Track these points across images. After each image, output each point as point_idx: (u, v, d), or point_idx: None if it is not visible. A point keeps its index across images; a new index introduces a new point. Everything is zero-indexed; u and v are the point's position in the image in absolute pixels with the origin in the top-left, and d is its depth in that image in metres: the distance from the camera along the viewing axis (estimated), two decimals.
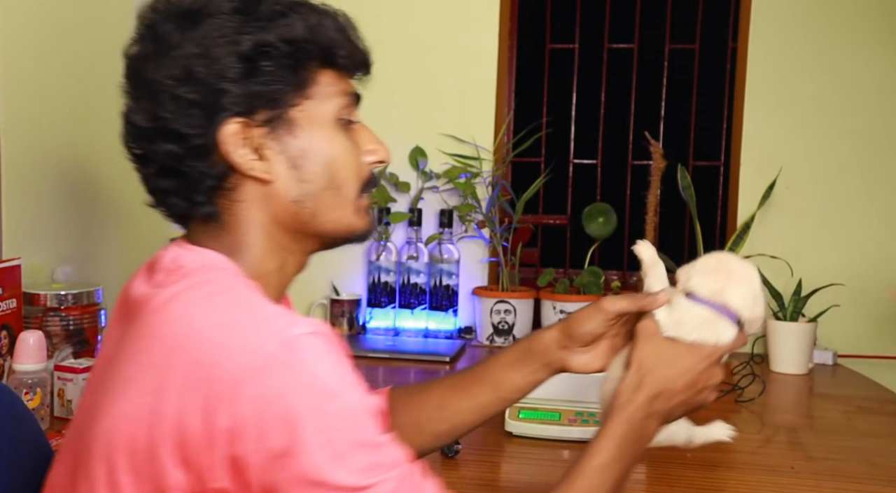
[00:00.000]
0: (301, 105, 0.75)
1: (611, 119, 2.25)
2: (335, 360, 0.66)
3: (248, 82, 0.72)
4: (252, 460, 0.62)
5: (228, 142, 0.72)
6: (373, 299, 2.08)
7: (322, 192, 0.76)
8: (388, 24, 2.13)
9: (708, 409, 0.85)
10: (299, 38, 0.73)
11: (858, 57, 2.02)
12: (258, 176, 0.74)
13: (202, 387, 0.62)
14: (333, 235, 0.80)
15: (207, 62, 0.71)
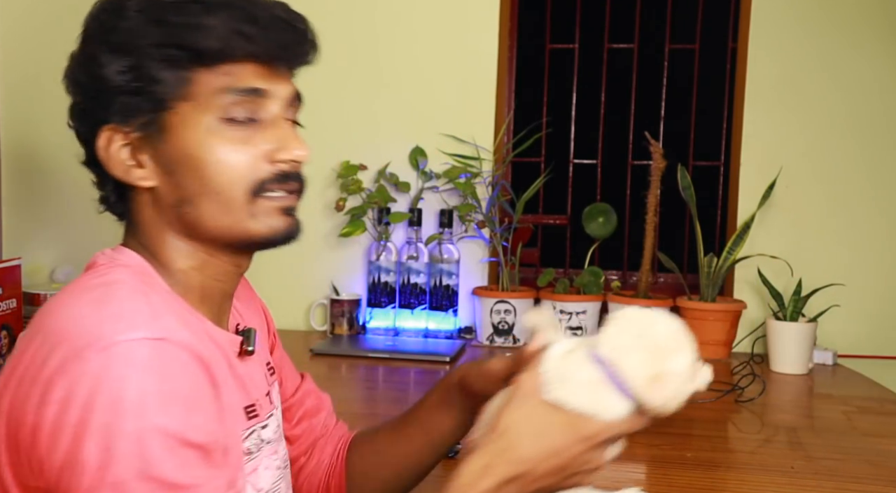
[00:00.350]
0: (176, 109, 0.71)
1: (611, 119, 2.25)
2: (161, 377, 0.60)
3: (119, 89, 0.70)
4: (45, 464, 0.59)
5: (103, 150, 0.72)
6: (373, 299, 2.08)
7: (199, 197, 0.72)
8: (388, 25, 2.13)
9: (709, 408, 0.84)
10: (168, 42, 0.70)
11: (859, 56, 2.02)
12: (135, 183, 0.73)
13: (26, 384, 0.61)
14: (229, 240, 0.75)
15: (86, 68, 0.72)
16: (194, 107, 0.71)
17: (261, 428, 0.80)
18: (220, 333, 0.77)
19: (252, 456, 0.78)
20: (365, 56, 2.13)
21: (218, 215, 0.72)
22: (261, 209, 0.73)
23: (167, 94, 0.70)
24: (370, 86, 2.14)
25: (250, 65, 0.72)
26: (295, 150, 0.74)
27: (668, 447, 1.26)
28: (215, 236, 0.74)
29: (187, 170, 0.71)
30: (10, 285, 1.31)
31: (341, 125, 2.14)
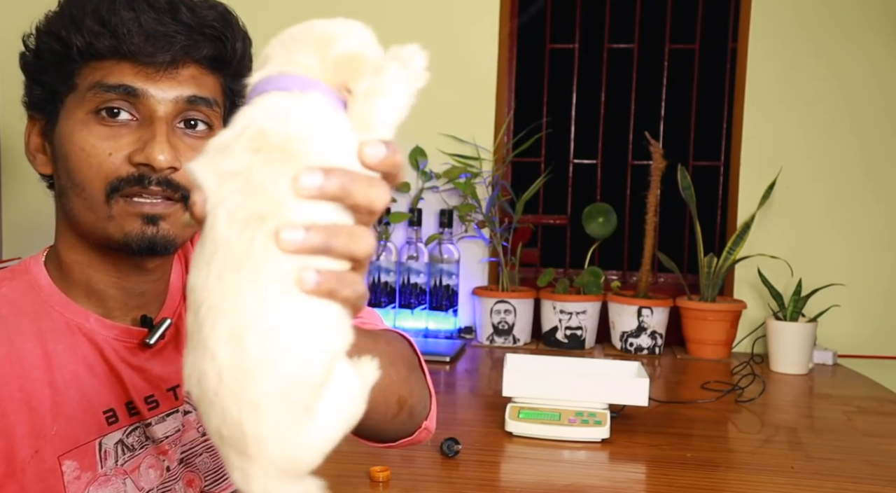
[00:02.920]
0: (65, 100, 0.73)
1: (611, 119, 2.25)
2: None
3: (33, 79, 0.75)
4: None
5: (24, 135, 0.78)
6: (373, 299, 2.08)
7: (69, 190, 0.73)
8: (389, 25, 2.13)
9: (709, 408, 0.85)
10: (65, 34, 0.71)
11: (859, 56, 2.02)
12: (37, 169, 0.77)
13: None
14: (95, 239, 0.74)
15: (22, 59, 0.76)
16: (75, 100, 0.72)
17: (144, 426, 0.78)
18: (108, 326, 0.76)
19: (133, 454, 0.77)
20: None
21: (83, 211, 0.72)
22: (117, 211, 0.71)
23: (56, 85, 0.73)
24: None
25: (126, 63, 0.70)
26: (155, 153, 0.69)
27: (668, 447, 1.26)
28: (84, 233, 0.74)
29: (61, 160, 0.73)
30: None
31: None
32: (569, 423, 1.28)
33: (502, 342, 2.01)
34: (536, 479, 1.13)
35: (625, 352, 1.98)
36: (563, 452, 1.24)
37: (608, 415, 1.29)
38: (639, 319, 1.96)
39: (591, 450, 1.25)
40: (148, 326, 0.78)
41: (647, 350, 1.97)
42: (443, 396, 1.55)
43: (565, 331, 1.98)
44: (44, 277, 0.76)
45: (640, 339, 1.97)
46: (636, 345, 1.97)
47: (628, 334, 1.98)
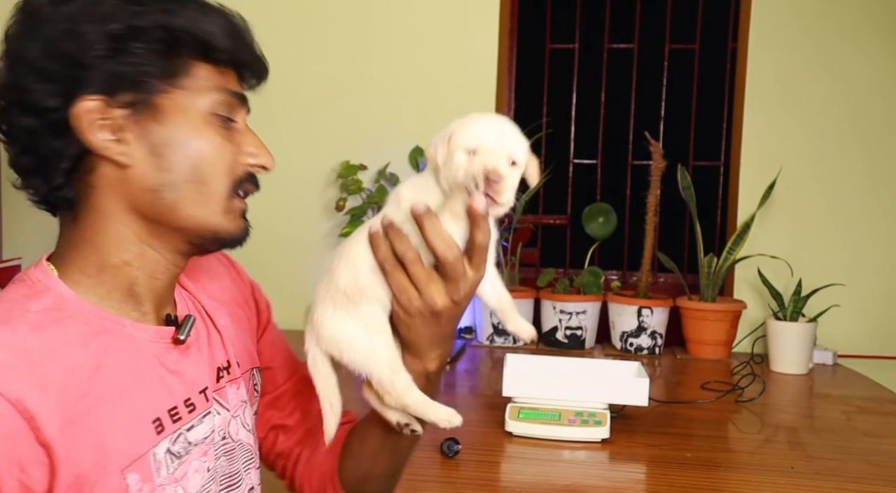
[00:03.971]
0: (170, 93, 0.72)
1: (611, 119, 2.25)
2: None
3: (112, 62, 0.69)
4: None
5: (83, 119, 0.69)
6: None
7: (184, 184, 0.73)
8: (389, 25, 2.13)
9: (709, 408, 0.85)
10: (176, 26, 0.71)
11: (859, 56, 2.02)
12: (114, 158, 0.71)
13: None
14: (196, 232, 0.75)
15: (73, 37, 0.69)
16: (188, 97, 0.72)
17: (186, 431, 0.77)
18: (143, 329, 0.75)
19: (181, 460, 0.76)
20: (365, 56, 2.13)
21: (195, 204, 0.74)
22: (233, 208, 0.76)
23: (163, 78, 0.71)
24: (370, 86, 2.14)
25: (233, 72, 0.76)
26: (266, 158, 0.78)
27: (668, 447, 1.26)
28: (183, 226, 0.74)
29: (179, 155, 0.72)
30: None
31: (341, 125, 2.14)
32: (569, 423, 1.28)
33: (502, 342, 2.01)
34: (536, 479, 1.13)
35: (625, 352, 1.98)
36: (563, 452, 1.24)
37: (608, 415, 1.29)
38: (639, 319, 1.96)
39: (591, 450, 1.24)
40: (174, 324, 0.79)
41: (647, 350, 1.97)
42: (443, 396, 1.55)
43: (565, 331, 1.98)
44: (65, 289, 0.72)
45: (640, 339, 1.97)
46: (636, 345, 1.97)
47: (628, 334, 1.98)
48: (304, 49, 2.08)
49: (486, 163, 0.77)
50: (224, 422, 0.83)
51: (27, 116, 0.70)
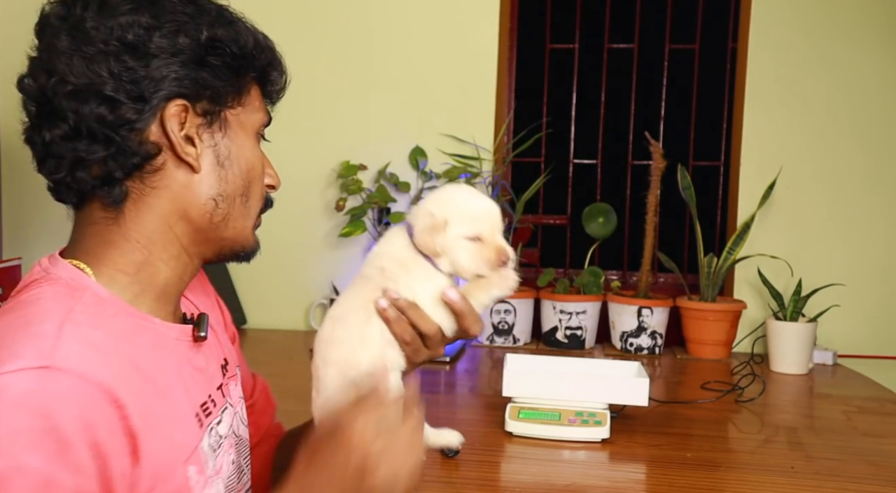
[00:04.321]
0: (235, 109, 0.76)
1: (611, 119, 2.25)
2: (36, 412, 0.58)
3: (197, 69, 0.72)
4: None
5: (171, 119, 0.71)
6: None
7: (237, 197, 0.77)
8: (388, 25, 2.13)
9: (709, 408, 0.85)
10: (248, 48, 0.75)
11: (859, 56, 2.02)
12: (188, 161, 0.73)
13: None
14: (231, 245, 0.79)
15: (162, 35, 0.70)
16: (247, 114, 0.77)
17: (216, 424, 0.79)
18: (171, 327, 0.76)
19: (216, 454, 0.78)
20: (365, 56, 2.13)
21: (240, 218, 0.78)
22: (257, 225, 0.82)
23: (233, 93, 0.75)
24: (371, 86, 2.14)
25: (268, 94, 0.82)
26: (278, 179, 0.83)
27: (668, 447, 1.26)
28: (227, 236, 0.78)
29: (238, 169, 0.76)
30: (10, 285, 1.31)
31: (341, 126, 2.14)
32: (569, 423, 1.28)
33: (502, 342, 2.01)
34: (536, 479, 1.13)
35: (625, 352, 1.98)
36: (563, 452, 1.24)
37: (608, 415, 1.29)
38: (639, 319, 1.96)
39: (591, 450, 1.24)
40: (190, 322, 0.81)
41: (647, 350, 1.97)
42: (443, 396, 1.55)
43: (565, 331, 1.98)
44: (100, 288, 0.71)
45: (640, 339, 1.97)
46: (636, 345, 1.97)
47: (628, 334, 1.98)
48: (304, 49, 2.08)
49: (500, 251, 0.83)
50: (232, 417, 0.85)
51: (100, 105, 0.69)
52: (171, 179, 0.73)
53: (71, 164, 0.72)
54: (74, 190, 0.73)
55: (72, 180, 0.72)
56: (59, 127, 0.71)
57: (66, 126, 0.70)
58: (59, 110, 0.71)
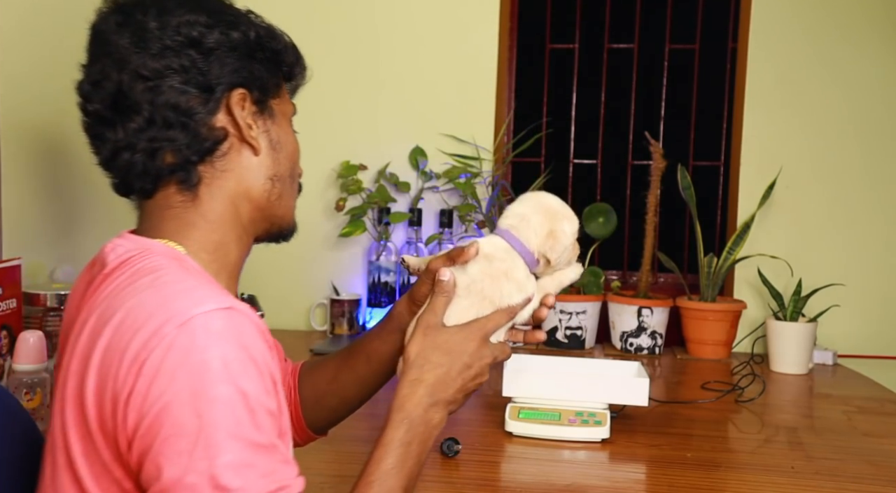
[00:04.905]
0: (276, 99, 0.85)
1: (611, 119, 2.25)
2: (237, 344, 0.65)
3: (250, 62, 0.81)
4: (137, 434, 0.64)
5: (237, 105, 0.80)
6: (373, 299, 2.08)
7: (286, 177, 0.86)
8: (388, 25, 2.13)
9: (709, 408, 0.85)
10: (281, 46, 0.86)
11: (859, 55, 2.02)
12: (251, 142, 0.81)
13: (113, 367, 0.65)
14: (282, 222, 0.87)
15: (220, 31, 0.79)
16: (284, 104, 0.87)
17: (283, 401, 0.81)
18: (243, 305, 0.79)
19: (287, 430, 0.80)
20: (365, 56, 2.13)
21: (289, 198, 0.88)
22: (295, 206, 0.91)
23: (274, 85, 0.85)
24: (370, 86, 2.14)
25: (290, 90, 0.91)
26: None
27: (668, 447, 1.26)
28: (279, 215, 0.87)
29: (286, 152, 0.86)
30: (10, 285, 1.31)
31: (341, 125, 2.14)
32: (569, 423, 1.28)
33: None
34: (536, 479, 1.13)
35: (625, 352, 1.98)
36: (563, 452, 1.24)
37: (608, 415, 1.29)
38: (639, 319, 1.96)
39: (591, 450, 1.24)
40: (251, 301, 0.85)
41: (647, 350, 1.97)
42: None
43: (565, 331, 1.98)
44: (194, 264, 0.77)
45: (640, 339, 1.97)
46: (636, 345, 1.97)
47: (628, 334, 1.98)
48: (304, 49, 2.08)
49: (577, 246, 0.96)
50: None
51: (178, 96, 0.77)
52: (235, 162, 0.81)
53: (147, 152, 0.78)
54: (151, 176, 0.79)
55: (149, 167, 0.79)
56: (135, 120, 0.77)
57: (140, 118, 0.77)
58: (134, 104, 0.77)
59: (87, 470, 0.68)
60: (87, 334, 0.69)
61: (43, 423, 1.26)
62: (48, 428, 0.75)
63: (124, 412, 0.64)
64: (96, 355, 0.66)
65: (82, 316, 0.72)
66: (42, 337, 1.26)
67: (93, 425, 0.66)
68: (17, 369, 1.23)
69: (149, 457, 0.63)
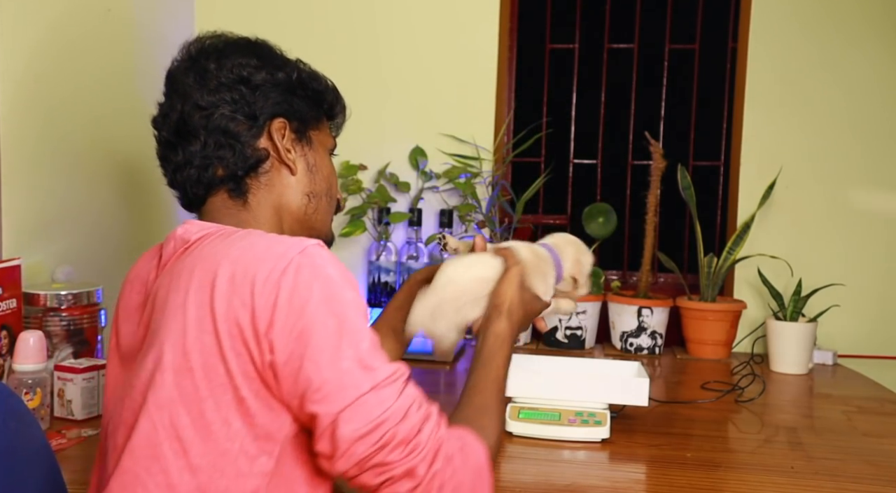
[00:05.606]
0: (316, 131, 1.02)
1: (611, 119, 2.25)
2: (341, 267, 0.83)
3: (291, 98, 0.97)
4: (281, 341, 0.77)
5: (277, 132, 0.96)
6: (373, 299, 2.08)
7: (323, 196, 1.01)
8: (388, 25, 2.13)
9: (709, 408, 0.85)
10: (321, 87, 1.03)
11: (859, 56, 2.02)
12: (288, 163, 0.96)
13: (244, 296, 0.78)
14: (317, 234, 1.01)
15: (267, 72, 0.96)
16: (320, 135, 1.03)
17: None
18: None
19: None
20: (365, 56, 2.13)
21: (325, 213, 1.03)
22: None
23: (314, 118, 1.01)
24: (370, 86, 2.14)
25: (333, 127, 1.08)
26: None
27: (668, 447, 1.26)
28: (316, 227, 1.02)
29: (322, 175, 1.01)
30: (10, 285, 1.31)
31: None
32: (569, 423, 1.28)
33: None
34: (536, 479, 1.13)
35: (625, 352, 1.98)
36: (563, 452, 1.24)
37: (608, 415, 1.29)
38: (639, 319, 1.96)
39: (591, 450, 1.24)
40: None
41: (647, 350, 1.97)
42: (443, 396, 1.55)
43: (565, 331, 1.98)
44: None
45: (640, 339, 1.97)
46: (636, 345, 1.97)
47: (628, 334, 1.98)
48: (304, 49, 2.08)
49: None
50: None
51: (228, 123, 0.93)
52: (277, 179, 0.97)
53: (201, 167, 0.94)
54: (203, 185, 0.95)
55: (202, 178, 0.94)
56: (193, 143, 0.94)
57: (197, 141, 0.93)
58: (193, 130, 0.93)
59: (213, 405, 0.78)
60: (195, 288, 0.80)
61: (43, 423, 1.26)
62: (113, 409, 0.86)
63: (268, 329, 0.77)
64: (219, 293, 0.78)
65: (165, 282, 0.84)
66: (42, 337, 1.26)
67: (228, 352, 0.77)
68: (17, 369, 1.24)
69: (304, 359, 0.76)
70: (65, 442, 1.20)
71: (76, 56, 1.61)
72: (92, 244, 1.69)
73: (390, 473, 0.76)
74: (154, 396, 0.79)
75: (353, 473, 0.77)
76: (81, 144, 1.64)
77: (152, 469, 0.78)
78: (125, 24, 1.80)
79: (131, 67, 1.82)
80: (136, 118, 1.85)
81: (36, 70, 1.49)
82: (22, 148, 1.46)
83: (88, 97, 1.65)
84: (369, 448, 0.76)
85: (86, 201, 1.66)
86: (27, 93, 1.47)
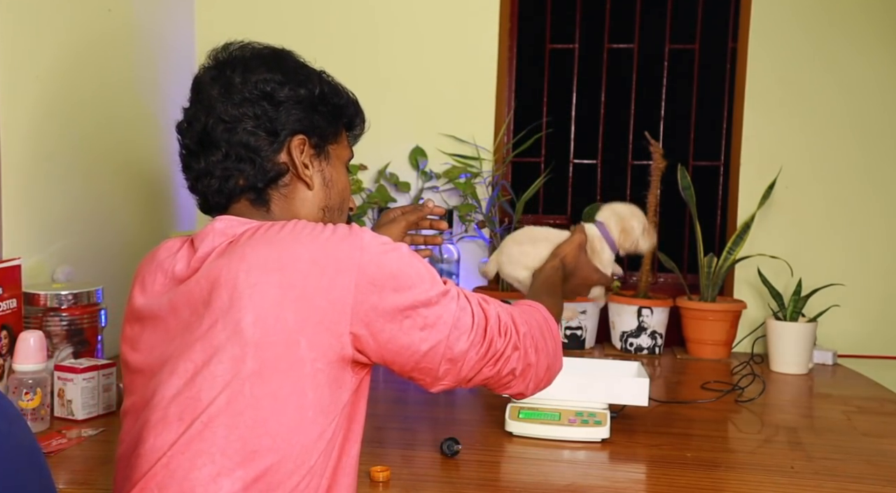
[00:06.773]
0: (334, 146, 1.04)
1: (611, 119, 2.25)
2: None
3: (312, 114, 0.99)
4: (361, 298, 0.85)
5: (296, 148, 0.98)
6: None
7: (336, 209, 1.04)
8: (388, 25, 2.13)
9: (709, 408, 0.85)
10: (343, 102, 1.07)
11: (859, 55, 2.02)
12: (306, 179, 0.98)
13: (328, 271, 0.85)
14: None
15: (290, 88, 0.98)
16: (338, 149, 1.05)
17: None
18: None
19: None
20: (365, 56, 2.13)
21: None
22: None
23: (332, 134, 1.04)
24: (370, 86, 2.14)
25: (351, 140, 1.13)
26: (354, 203, 1.13)
27: (668, 447, 1.26)
28: None
29: (337, 189, 1.04)
30: (10, 285, 1.31)
31: None
32: (569, 423, 1.28)
33: None
34: (536, 479, 1.13)
35: (625, 352, 1.98)
36: (563, 452, 1.24)
37: (608, 415, 1.29)
38: (639, 319, 1.96)
39: (591, 450, 1.25)
40: None
41: (647, 350, 1.97)
42: (443, 396, 1.55)
43: (565, 331, 1.98)
44: None
45: (640, 339, 1.97)
46: (636, 345, 1.97)
47: (628, 334, 1.98)
48: (304, 49, 2.08)
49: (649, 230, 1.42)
50: None
51: (249, 137, 0.95)
52: (294, 192, 0.99)
53: (222, 178, 0.96)
54: (224, 195, 0.97)
55: (223, 188, 0.96)
56: (214, 154, 0.95)
57: (219, 153, 0.95)
58: (215, 142, 0.95)
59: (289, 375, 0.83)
60: (258, 273, 0.84)
61: (43, 422, 1.26)
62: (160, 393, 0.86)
63: (357, 295, 0.85)
64: (291, 273, 0.84)
65: (225, 266, 0.86)
66: (42, 337, 1.26)
67: (308, 323, 0.83)
68: (17, 369, 1.24)
69: (396, 311, 0.86)
70: (65, 442, 1.20)
71: (76, 56, 1.61)
72: (92, 244, 1.69)
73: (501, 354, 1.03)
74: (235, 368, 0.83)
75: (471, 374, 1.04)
76: (81, 145, 1.64)
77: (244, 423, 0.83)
78: (125, 24, 1.80)
79: (131, 68, 1.82)
80: (137, 118, 1.85)
81: (36, 70, 1.49)
82: (22, 148, 1.46)
83: (89, 97, 1.65)
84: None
85: (86, 202, 1.66)
86: (27, 93, 1.47)
